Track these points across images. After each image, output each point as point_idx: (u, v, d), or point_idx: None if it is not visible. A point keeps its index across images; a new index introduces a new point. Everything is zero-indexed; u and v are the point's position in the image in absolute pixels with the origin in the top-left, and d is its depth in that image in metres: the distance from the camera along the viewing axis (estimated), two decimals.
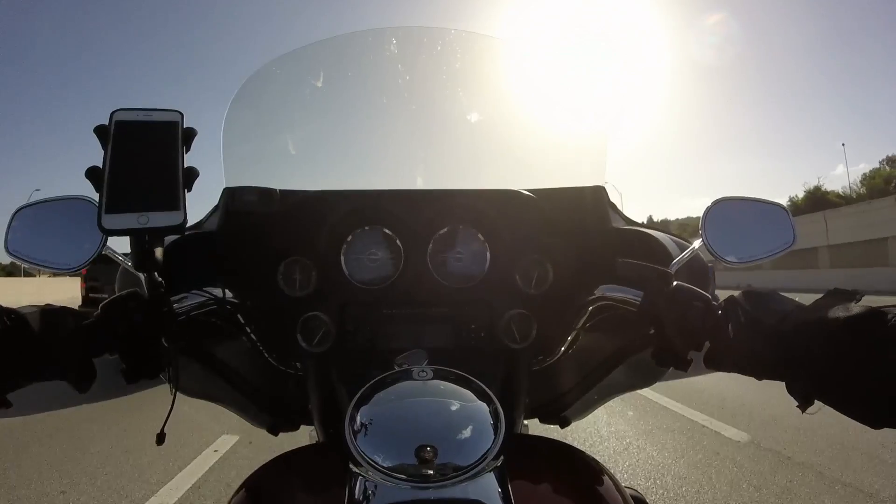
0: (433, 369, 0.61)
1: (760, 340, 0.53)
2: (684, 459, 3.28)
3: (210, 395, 0.96)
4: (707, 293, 0.61)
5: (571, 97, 1.10)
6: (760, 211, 0.83)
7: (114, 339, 0.55)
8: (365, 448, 0.53)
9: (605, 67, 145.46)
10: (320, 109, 1.07)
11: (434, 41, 1.04)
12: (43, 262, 0.69)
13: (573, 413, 1.07)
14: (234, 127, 0.96)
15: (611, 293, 0.76)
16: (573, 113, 1.10)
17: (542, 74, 1.11)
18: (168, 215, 0.53)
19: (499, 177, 1.02)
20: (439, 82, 1.07)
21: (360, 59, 1.07)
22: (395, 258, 0.87)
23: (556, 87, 1.11)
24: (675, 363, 0.62)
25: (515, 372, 0.84)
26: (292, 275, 0.85)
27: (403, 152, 1.07)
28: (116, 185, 0.52)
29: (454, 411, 0.57)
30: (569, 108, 1.10)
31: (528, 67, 1.12)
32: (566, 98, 1.11)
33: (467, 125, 1.08)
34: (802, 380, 0.50)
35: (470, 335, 0.85)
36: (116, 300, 0.57)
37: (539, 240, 0.88)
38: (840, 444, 3.38)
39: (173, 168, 0.54)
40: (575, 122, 1.09)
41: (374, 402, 0.57)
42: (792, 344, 0.50)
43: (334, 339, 0.83)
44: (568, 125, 1.09)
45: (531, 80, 1.12)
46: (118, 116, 0.54)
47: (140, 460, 3.36)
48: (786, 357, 0.51)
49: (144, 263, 0.55)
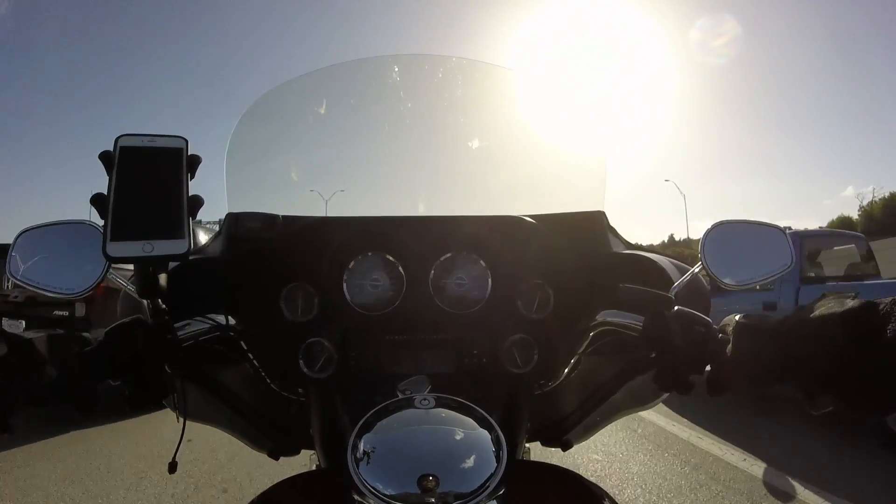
0: (435, 397, 0.61)
1: (762, 352, 0.54)
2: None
3: (211, 420, 0.95)
4: (707, 317, 0.62)
5: (571, 124, 1.12)
6: (759, 233, 0.84)
7: (117, 365, 0.55)
8: (367, 476, 0.53)
9: (605, 91, 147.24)
10: (323, 136, 1.08)
11: (435, 68, 1.06)
12: (45, 287, 0.68)
13: (575, 436, 1.06)
14: (238, 152, 0.97)
15: (612, 318, 0.76)
16: (573, 139, 1.11)
17: (542, 101, 1.13)
18: (173, 244, 0.53)
19: (500, 203, 1.03)
20: (441, 109, 1.09)
21: (362, 86, 1.09)
22: (397, 284, 0.88)
23: (555, 113, 1.13)
24: (678, 387, 0.62)
25: (517, 397, 0.84)
26: (295, 300, 0.86)
27: (405, 178, 1.08)
28: (121, 213, 0.52)
29: (456, 440, 0.56)
30: (568, 134, 1.12)
31: (528, 95, 1.14)
32: (566, 125, 1.12)
33: (468, 152, 1.09)
34: (807, 380, 0.51)
35: (472, 360, 0.85)
36: (120, 327, 0.57)
37: (540, 265, 0.88)
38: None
39: (178, 195, 0.54)
40: (575, 148, 1.11)
41: (377, 431, 0.57)
42: (793, 347, 0.52)
43: (336, 365, 0.82)
44: (568, 151, 1.11)
45: (531, 108, 1.14)
46: (123, 142, 0.54)
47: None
48: (789, 362, 0.52)
49: (148, 291, 0.55)
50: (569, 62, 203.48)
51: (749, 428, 4.20)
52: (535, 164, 1.10)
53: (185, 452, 3.41)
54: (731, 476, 3.24)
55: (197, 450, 3.66)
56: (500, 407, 0.78)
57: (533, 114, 1.14)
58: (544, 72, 32.19)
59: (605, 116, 15.93)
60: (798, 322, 0.52)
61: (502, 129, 1.14)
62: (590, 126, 1.07)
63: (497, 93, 1.12)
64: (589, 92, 28.56)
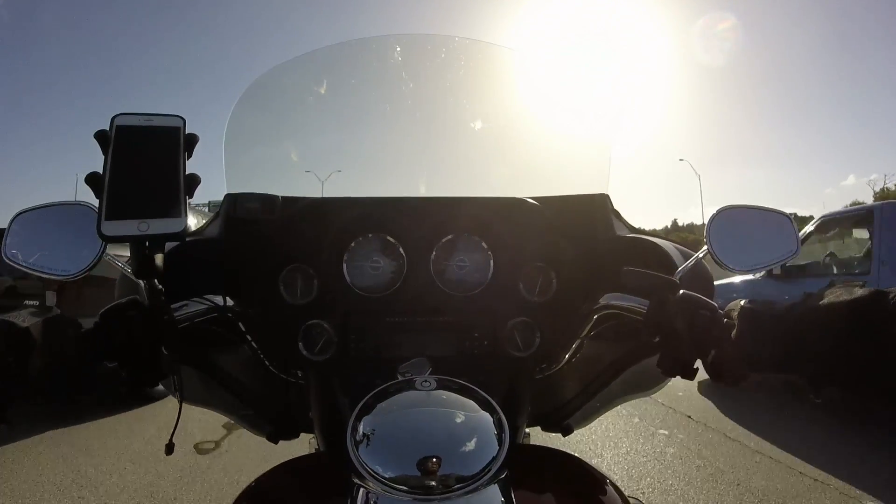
0: (436, 379, 0.61)
1: (768, 338, 0.54)
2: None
3: (209, 403, 0.95)
4: (712, 301, 0.61)
5: (575, 105, 1.11)
6: (764, 219, 0.83)
7: (113, 347, 0.55)
8: (367, 459, 0.52)
9: (609, 73, 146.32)
10: (323, 116, 1.07)
11: (438, 49, 1.04)
12: (40, 268, 0.67)
13: (576, 421, 1.06)
14: (237, 132, 0.96)
15: (616, 301, 0.76)
16: (577, 121, 1.10)
17: (546, 83, 1.11)
18: (169, 222, 0.52)
19: (502, 184, 1.02)
20: (443, 90, 1.08)
21: (363, 66, 1.07)
22: (397, 266, 0.87)
23: (559, 95, 1.11)
24: (682, 372, 0.62)
25: (518, 380, 0.83)
26: (294, 282, 0.85)
27: (406, 160, 1.07)
28: (116, 192, 0.52)
29: (457, 422, 0.56)
30: (572, 116, 1.10)
31: (532, 76, 1.12)
32: (569, 106, 1.11)
33: (471, 133, 1.08)
34: (813, 368, 0.50)
35: (473, 344, 0.85)
36: (115, 308, 0.56)
37: (543, 248, 0.87)
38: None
39: (174, 174, 0.53)
40: (578, 130, 1.09)
41: (377, 413, 0.57)
42: (799, 335, 0.51)
43: (336, 348, 0.82)
44: (571, 133, 1.09)
45: (534, 89, 1.12)
46: (119, 121, 0.53)
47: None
48: (794, 349, 0.52)
49: (144, 271, 0.54)
50: (573, 44, 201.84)
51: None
52: (538, 146, 1.08)
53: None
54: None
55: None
56: (502, 390, 0.77)
57: (536, 95, 1.12)
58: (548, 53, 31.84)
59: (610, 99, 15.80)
60: (805, 310, 0.52)
61: (505, 111, 1.12)
62: (594, 108, 1.06)
63: (500, 74, 1.10)
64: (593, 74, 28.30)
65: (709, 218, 0.76)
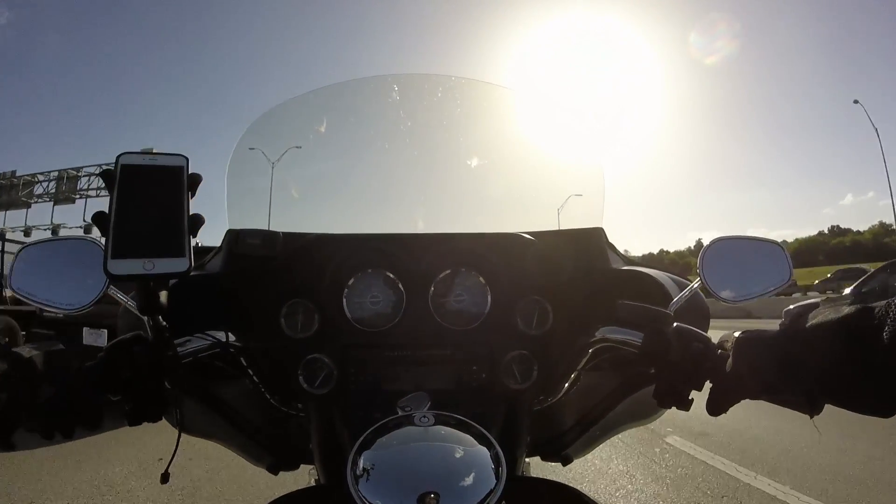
0: (435, 415, 0.61)
1: (762, 364, 0.54)
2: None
3: (210, 434, 0.95)
4: (707, 333, 0.62)
5: (569, 141, 1.13)
6: (757, 249, 0.84)
7: (117, 381, 0.55)
8: (367, 493, 0.52)
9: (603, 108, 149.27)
10: (323, 153, 1.09)
11: (435, 88, 1.08)
12: (46, 302, 0.68)
13: (575, 451, 1.05)
14: (239, 169, 0.98)
15: (611, 335, 0.76)
16: (571, 157, 1.12)
17: (540, 120, 1.14)
18: (173, 262, 0.53)
19: (498, 220, 1.05)
20: (440, 128, 1.11)
21: (362, 104, 1.10)
22: (396, 301, 0.88)
23: (553, 131, 1.14)
24: (677, 403, 0.62)
25: (517, 412, 0.83)
26: (294, 317, 0.86)
27: (405, 196, 1.09)
28: (122, 230, 0.52)
29: (456, 457, 0.56)
30: (566, 152, 1.13)
31: (527, 113, 1.15)
32: (564, 142, 1.14)
33: (467, 170, 1.11)
34: (807, 386, 0.51)
35: (471, 376, 0.85)
36: (121, 343, 0.57)
37: (539, 281, 0.89)
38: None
39: (179, 214, 0.54)
40: (572, 165, 1.12)
41: (377, 448, 0.57)
42: (792, 355, 0.52)
43: (336, 381, 0.82)
44: (566, 169, 1.12)
45: (529, 126, 1.15)
46: (124, 160, 0.54)
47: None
48: (789, 370, 0.52)
49: (149, 307, 0.55)
50: (566, 80, 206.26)
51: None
52: (533, 181, 1.11)
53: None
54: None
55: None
56: (500, 422, 0.77)
57: (531, 132, 1.15)
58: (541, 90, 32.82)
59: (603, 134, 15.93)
60: (796, 331, 0.53)
61: (501, 147, 1.15)
62: (587, 144, 1.08)
63: (495, 111, 1.13)
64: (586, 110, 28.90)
65: (701, 250, 0.77)
